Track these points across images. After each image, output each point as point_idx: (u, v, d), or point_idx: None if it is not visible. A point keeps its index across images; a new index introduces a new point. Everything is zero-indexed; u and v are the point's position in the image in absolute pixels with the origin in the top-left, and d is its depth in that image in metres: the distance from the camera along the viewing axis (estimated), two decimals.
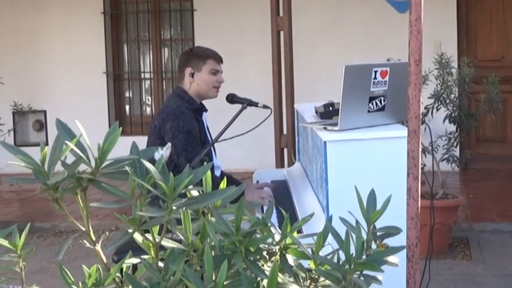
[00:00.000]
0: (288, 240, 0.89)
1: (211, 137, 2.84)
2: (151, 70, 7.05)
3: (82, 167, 0.90)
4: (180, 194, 0.86)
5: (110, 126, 6.93)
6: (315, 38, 6.45)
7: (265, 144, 5.34)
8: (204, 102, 2.87)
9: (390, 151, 2.04)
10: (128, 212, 0.89)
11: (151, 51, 7.06)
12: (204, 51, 2.80)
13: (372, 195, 0.93)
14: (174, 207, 0.81)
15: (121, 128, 0.91)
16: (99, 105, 6.91)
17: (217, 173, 2.81)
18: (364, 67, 2.15)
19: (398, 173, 1.86)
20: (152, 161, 0.87)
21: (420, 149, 1.25)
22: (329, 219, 0.93)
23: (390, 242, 0.92)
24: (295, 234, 0.92)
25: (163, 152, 0.83)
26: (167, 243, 0.87)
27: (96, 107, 6.88)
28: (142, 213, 0.80)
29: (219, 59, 2.79)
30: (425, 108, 4.14)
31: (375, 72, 2.12)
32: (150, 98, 7.21)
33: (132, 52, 7.16)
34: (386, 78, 2.15)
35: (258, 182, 3.16)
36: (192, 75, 2.76)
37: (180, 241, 0.91)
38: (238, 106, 2.73)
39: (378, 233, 0.89)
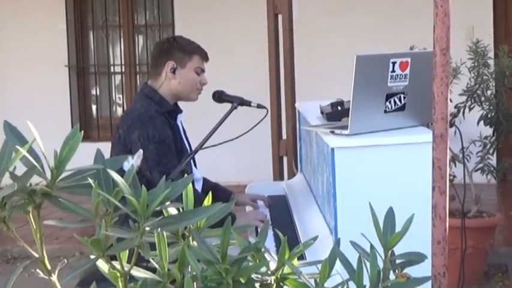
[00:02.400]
0: (286, 269, 0.88)
1: (189, 145, 2.83)
2: (123, 63, 7.05)
3: (36, 179, 0.89)
4: (155, 212, 0.85)
5: None
6: (321, 22, 6.47)
7: (260, 152, 5.33)
8: (180, 102, 2.86)
9: (412, 160, 2.04)
10: (93, 234, 0.88)
11: (122, 40, 7.07)
12: (190, 44, 2.79)
13: (390, 215, 0.92)
14: (147, 228, 0.81)
15: (84, 131, 0.90)
16: (60, 105, 6.90)
17: (198, 187, 2.79)
18: (380, 58, 2.15)
19: (421, 186, 1.86)
20: (120, 173, 0.87)
21: (448, 157, 1.25)
22: (337, 242, 0.92)
23: (412, 271, 0.92)
24: (295, 261, 0.91)
25: (133, 161, 0.83)
26: (138, 272, 0.87)
27: (56, 107, 6.86)
28: (108, 233, 0.79)
29: (205, 57, 2.80)
30: (455, 107, 4.15)
31: (393, 63, 2.12)
32: (121, 97, 7.20)
33: (100, 41, 7.16)
34: (407, 71, 2.16)
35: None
36: (174, 71, 2.74)
37: (154, 270, 0.90)
38: (227, 106, 2.72)
39: (398, 261, 0.89)
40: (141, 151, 0.85)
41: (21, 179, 0.83)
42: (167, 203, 0.84)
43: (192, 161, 2.79)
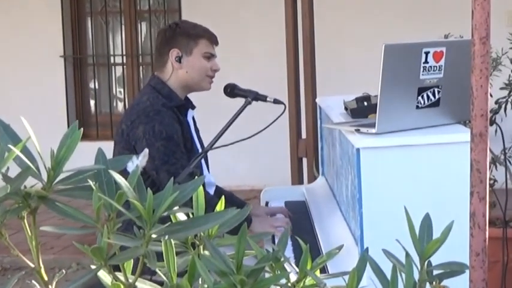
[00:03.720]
0: (309, 281, 0.88)
1: (201, 143, 2.83)
2: (124, 53, 7.08)
3: (30, 182, 0.90)
4: (162, 218, 0.86)
5: (69, 128, 6.97)
6: (345, 7, 6.46)
7: (277, 153, 5.34)
8: (191, 96, 2.87)
9: (447, 162, 2.04)
10: (93, 243, 0.89)
11: (123, 28, 7.10)
12: (194, 28, 2.80)
13: (427, 221, 0.92)
14: (153, 236, 0.81)
15: (82, 129, 0.91)
16: (55, 100, 6.94)
17: (210, 192, 2.80)
18: (412, 47, 2.15)
19: (458, 191, 1.85)
20: (124, 175, 0.87)
21: (489, 159, 1.24)
22: (365, 251, 0.92)
23: (451, 283, 0.92)
24: (317, 273, 0.92)
25: (138, 162, 0.83)
26: (144, 285, 0.87)
27: (50, 102, 6.91)
28: (110, 241, 0.80)
29: (213, 40, 2.80)
30: (495, 102, 4.13)
31: (426, 53, 2.12)
32: (122, 91, 7.24)
33: (98, 29, 7.20)
34: (442, 61, 2.15)
35: (268, 204, 3.16)
36: (180, 59, 2.75)
37: (161, 283, 0.91)
38: (240, 101, 2.73)
39: (435, 271, 0.89)
40: (146, 150, 0.86)
41: (15, 180, 0.84)
42: (175, 208, 0.84)
43: (205, 163, 2.80)
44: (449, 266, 0.88)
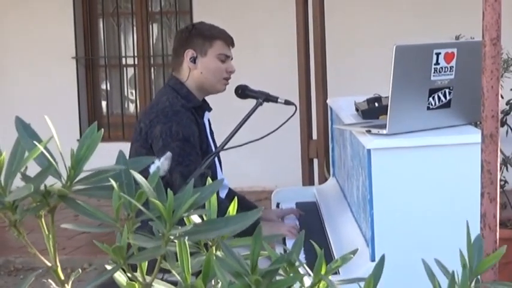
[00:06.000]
0: (323, 285, 0.88)
1: (215, 146, 2.84)
2: (136, 54, 7.10)
3: (48, 182, 0.91)
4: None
5: (81, 129, 6.96)
6: (356, 7, 6.46)
7: (288, 154, 5.34)
8: (207, 97, 2.88)
9: (458, 163, 2.04)
10: (108, 243, 0.90)
11: (135, 29, 7.12)
12: (210, 29, 2.80)
13: (478, 242, 0.94)
14: (171, 237, 0.82)
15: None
16: (67, 101, 6.97)
17: (222, 194, 2.80)
18: (423, 48, 2.16)
19: (469, 193, 1.86)
20: (143, 175, 0.88)
21: (499, 160, 1.25)
22: (381, 258, 0.92)
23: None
24: (329, 276, 0.92)
25: (159, 164, 0.84)
26: (159, 285, 0.88)
27: (62, 104, 6.93)
28: (131, 241, 0.81)
29: (229, 41, 2.80)
30: (506, 104, 4.12)
31: (437, 54, 2.12)
32: (133, 92, 7.26)
33: (110, 30, 7.22)
34: (453, 63, 2.16)
35: (279, 205, 3.17)
36: (194, 60, 2.76)
37: (175, 283, 0.92)
38: (251, 102, 2.74)
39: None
40: (169, 153, 0.86)
41: (36, 179, 0.85)
42: (192, 210, 0.85)
43: (218, 164, 2.80)
44: (498, 285, 0.90)
